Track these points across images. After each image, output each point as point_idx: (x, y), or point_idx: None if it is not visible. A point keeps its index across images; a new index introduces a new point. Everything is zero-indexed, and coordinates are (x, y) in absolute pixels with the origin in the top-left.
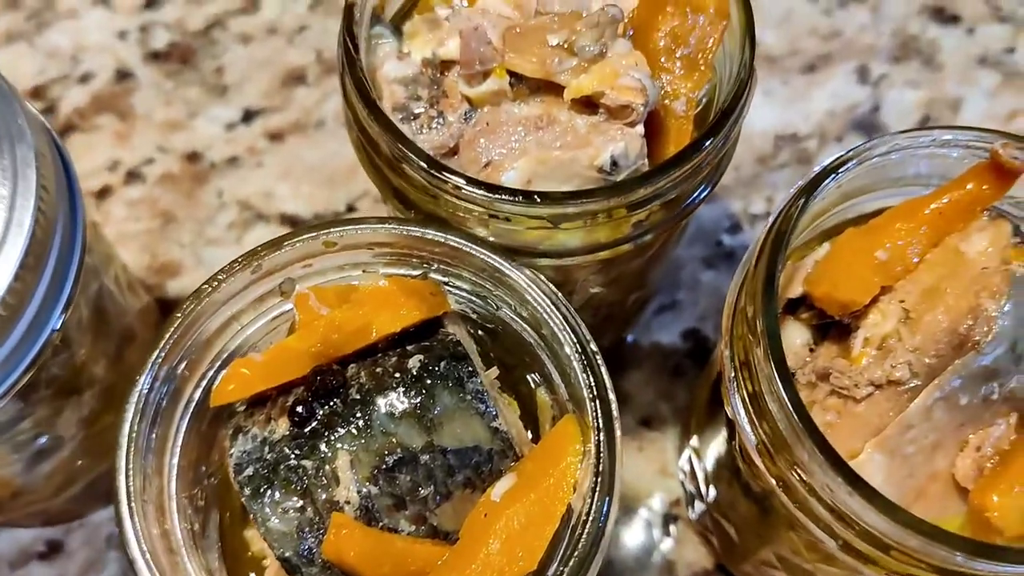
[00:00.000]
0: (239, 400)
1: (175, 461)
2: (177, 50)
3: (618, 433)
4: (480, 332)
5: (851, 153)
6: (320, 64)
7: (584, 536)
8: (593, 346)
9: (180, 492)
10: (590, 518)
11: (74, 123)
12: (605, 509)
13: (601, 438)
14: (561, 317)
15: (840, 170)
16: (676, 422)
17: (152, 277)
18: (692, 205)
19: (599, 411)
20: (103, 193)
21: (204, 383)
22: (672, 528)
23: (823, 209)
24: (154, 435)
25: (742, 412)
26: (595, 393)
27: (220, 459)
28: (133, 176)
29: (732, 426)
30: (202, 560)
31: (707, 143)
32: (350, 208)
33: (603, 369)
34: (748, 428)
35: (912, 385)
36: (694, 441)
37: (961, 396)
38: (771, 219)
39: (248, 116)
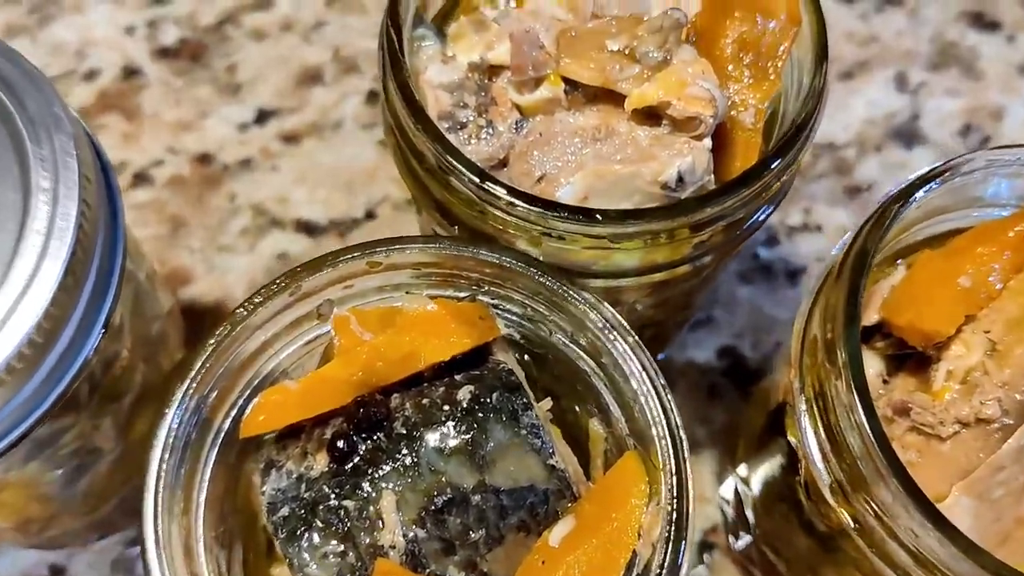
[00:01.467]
0: (270, 431)
1: (203, 498)
2: (187, 47)
3: (690, 474)
4: (527, 357)
5: (942, 167)
6: (337, 63)
7: None
8: (662, 379)
9: (207, 531)
10: (664, 570)
11: None
12: (680, 560)
13: (672, 481)
14: (627, 346)
15: (933, 182)
16: (713, 445)
17: (167, 287)
18: (755, 225)
19: (670, 450)
20: None
21: (234, 412)
22: (707, 557)
23: (903, 227)
24: (182, 471)
25: (814, 446)
26: (666, 431)
27: (245, 493)
28: (141, 179)
29: (794, 459)
30: None
31: (779, 159)
32: (369, 215)
33: (673, 404)
34: (820, 464)
35: (1003, 424)
36: (741, 470)
37: None
38: (849, 236)
39: (262, 117)
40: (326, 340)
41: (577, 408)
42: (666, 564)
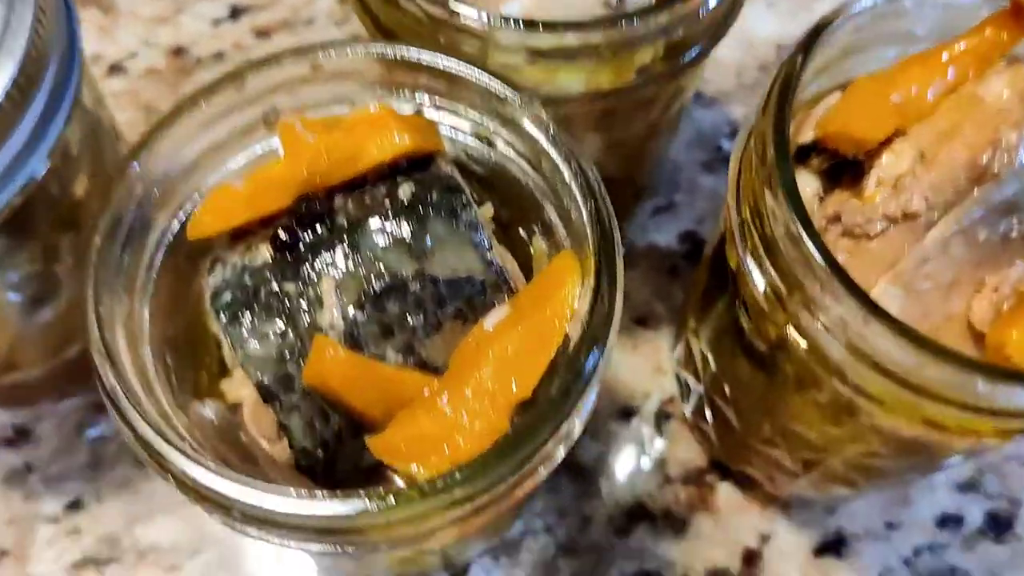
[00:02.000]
0: (219, 233)
1: (149, 288)
2: None
3: (619, 252)
4: (475, 185)
5: None
6: None
7: (582, 360)
8: (595, 173)
9: (155, 329)
10: (590, 333)
11: None
12: (606, 331)
13: (601, 258)
14: (564, 148)
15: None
16: (671, 321)
17: None
18: (698, 57)
19: (599, 232)
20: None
21: (181, 215)
22: (665, 427)
23: (829, 60)
24: (125, 264)
25: (749, 260)
26: (594, 216)
27: (197, 304)
28: (116, 69)
29: (736, 283)
30: (176, 400)
31: None
32: None
33: (604, 193)
34: (756, 273)
35: (929, 219)
36: (691, 324)
37: (980, 231)
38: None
39: (235, 13)
40: (276, 156)
41: (522, 232)
42: (592, 330)
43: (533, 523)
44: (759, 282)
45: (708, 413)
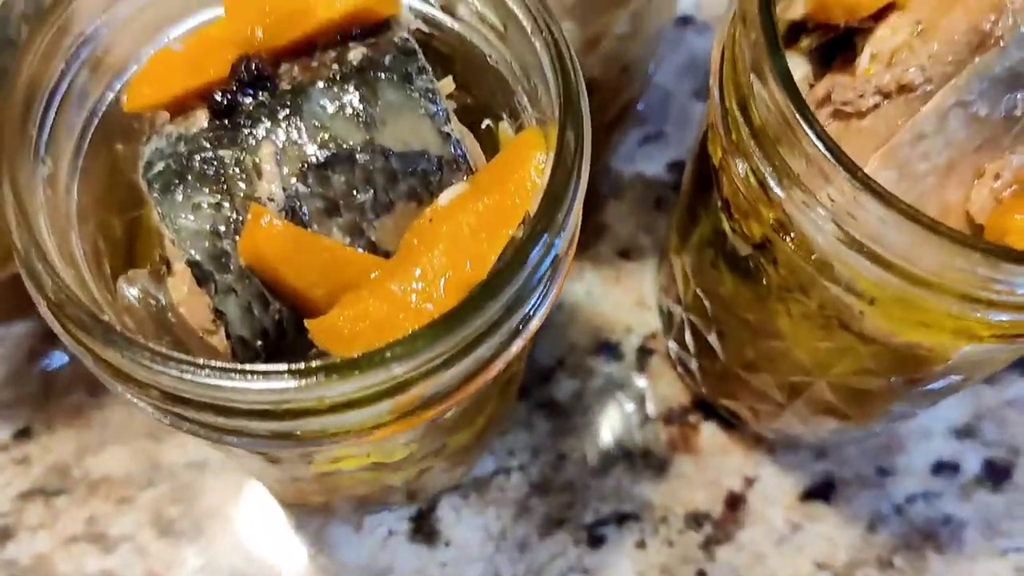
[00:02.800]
0: (157, 104)
1: (80, 161)
2: None
3: (587, 124)
4: (437, 67)
5: None
6: None
7: (537, 237)
8: (564, 37)
9: (86, 213)
10: (548, 209)
11: None
12: (568, 207)
13: (567, 126)
14: (534, 9)
15: None
16: (656, 254)
17: None
18: None
19: (566, 98)
20: None
21: (118, 85)
22: (646, 364)
23: None
24: (50, 116)
25: (734, 152)
26: (560, 81)
27: (139, 197)
28: None
29: (719, 182)
30: (108, 288)
31: None
32: None
33: (573, 59)
34: (740, 164)
35: (925, 92)
36: (673, 242)
37: (980, 105)
38: None
39: None
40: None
41: (488, 122)
42: (550, 202)
43: (506, 461)
44: (742, 171)
45: (690, 339)
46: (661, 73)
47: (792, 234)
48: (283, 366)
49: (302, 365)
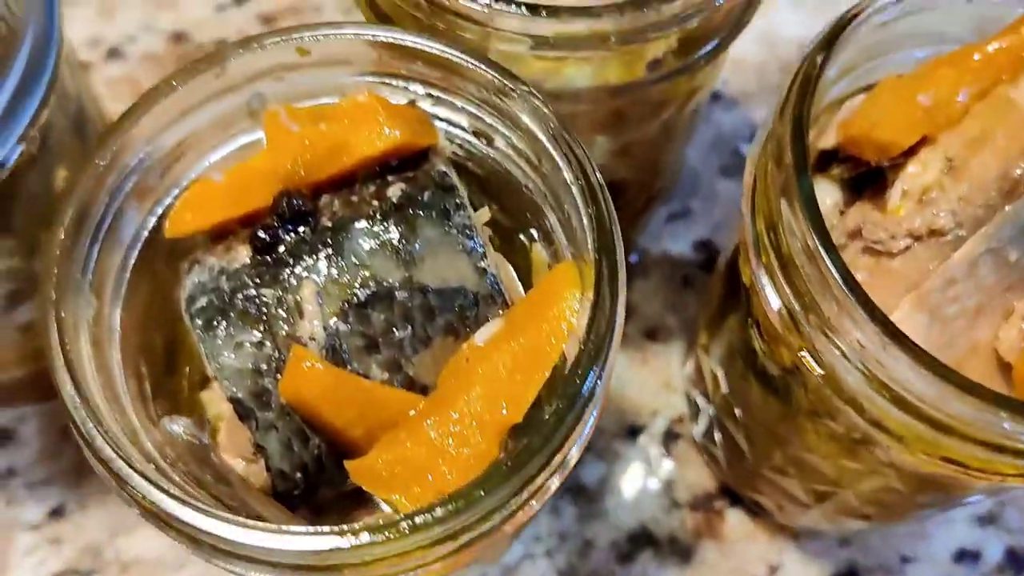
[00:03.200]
0: (198, 232)
1: (122, 291)
2: None
3: (621, 263)
4: (473, 188)
5: None
6: None
7: (579, 381)
8: (599, 176)
9: (128, 339)
10: (587, 353)
11: None
12: (605, 350)
13: (603, 269)
14: (565, 145)
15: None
16: (683, 334)
17: None
18: (714, 52)
19: (600, 240)
20: (82, 69)
21: (160, 211)
22: (673, 448)
23: (853, 60)
24: (92, 266)
25: (763, 277)
26: (595, 223)
27: (176, 310)
28: (115, 54)
29: (749, 300)
30: (149, 413)
31: None
32: None
33: (607, 198)
34: (770, 291)
35: (956, 236)
36: (702, 339)
37: (1010, 250)
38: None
39: None
40: (261, 148)
41: (522, 237)
42: (591, 351)
43: (532, 547)
44: (773, 301)
45: (718, 436)
46: (687, 149)
47: (820, 368)
48: (331, 528)
49: (350, 527)
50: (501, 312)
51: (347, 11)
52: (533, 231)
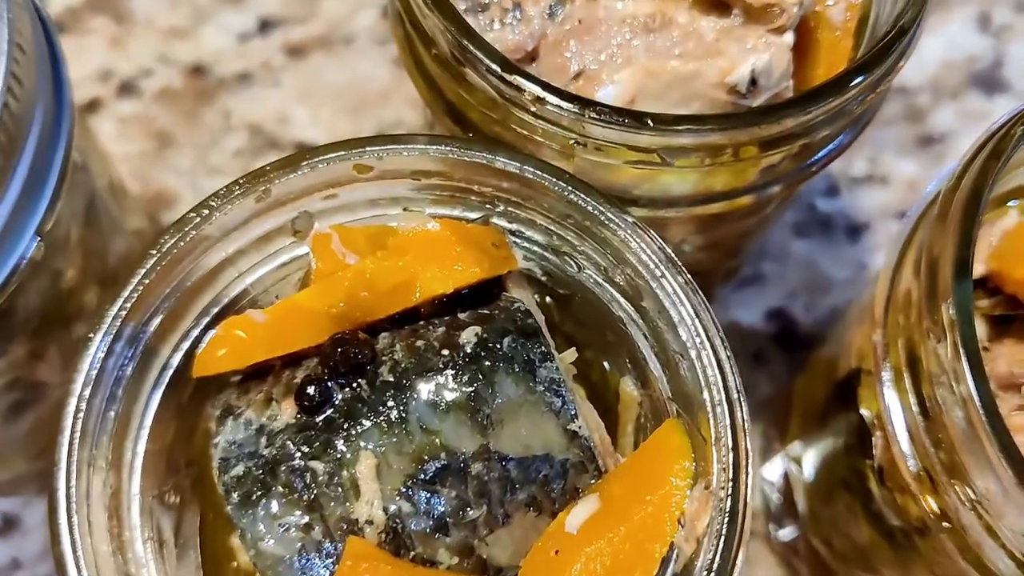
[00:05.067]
0: (231, 371)
1: (141, 448)
2: None
3: (751, 452)
4: (548, 299)
5: None
6: None
7: None
8: (720, 331)
9: (147, 489)
10: (713, 573)
11: (64, 23)
12: (733, 561)
13: (728, 459)
14: (676, 286)
15: None
16: (757, 419)
17: (142, 208)
18: (834, 152)
19: (727, 419)
20: (92, 107)
21: (186, 344)
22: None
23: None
24: (112, 414)
25: (900, 424)
26: (723, 395)
27: (203, 443)
28: (128, 89)
29: (865, 437)
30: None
31: (875, 67)
32: None
33: (733, 363)
34: (907, 446)
35: None
36: (794, 449)
37: None
38: (952, 167)
39: (265, 26)
40: (305, 265)
41: (606, 365)
42: (715, 566)
43: None
44: (909, 457)
45: (802, 549)
46: None
47: (955, 533)
48: None
49: None
50: (593, 481)
51: (382, 42)
52: (619, 360)
